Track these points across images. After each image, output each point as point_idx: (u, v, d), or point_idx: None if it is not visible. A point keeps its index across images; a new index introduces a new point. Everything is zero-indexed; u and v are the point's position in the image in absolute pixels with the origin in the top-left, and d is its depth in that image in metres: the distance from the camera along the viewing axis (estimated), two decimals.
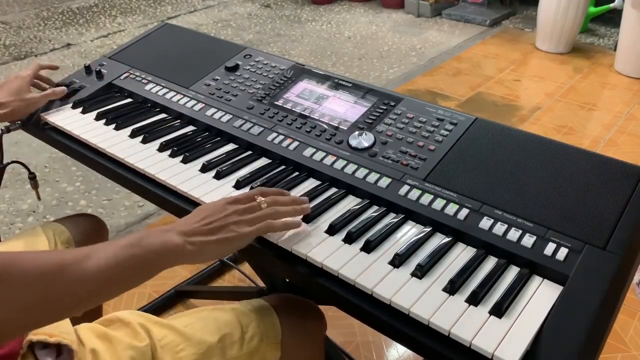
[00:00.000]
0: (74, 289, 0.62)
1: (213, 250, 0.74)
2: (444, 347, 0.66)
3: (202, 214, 0.76)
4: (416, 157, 0.94)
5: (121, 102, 1.26)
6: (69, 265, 0.62)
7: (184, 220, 0.76)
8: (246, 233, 0.76)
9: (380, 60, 3.59)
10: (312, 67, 1.22)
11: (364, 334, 1.56)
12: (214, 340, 0.82)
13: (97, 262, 0.64)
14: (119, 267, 0.65)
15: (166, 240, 0.70)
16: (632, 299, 1.67)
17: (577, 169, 0.86)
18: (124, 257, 0.66)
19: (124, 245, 0.67)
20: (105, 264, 0.64)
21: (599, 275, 0.71)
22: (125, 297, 1.71)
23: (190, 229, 0.73)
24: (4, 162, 1.20)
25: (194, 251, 0.72)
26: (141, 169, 1.01)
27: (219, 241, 0.74)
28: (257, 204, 0.79)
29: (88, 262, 0.63)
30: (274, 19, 4.43)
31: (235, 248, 0.77)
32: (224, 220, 0.75)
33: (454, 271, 0.75)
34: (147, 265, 0.69)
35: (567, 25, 3.45)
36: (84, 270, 0.63)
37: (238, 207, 0.77)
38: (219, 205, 0.77)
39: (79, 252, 0.65)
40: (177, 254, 0.71)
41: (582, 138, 2.62)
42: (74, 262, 0.63)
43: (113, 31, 4.22)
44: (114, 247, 0.67)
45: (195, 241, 0.72)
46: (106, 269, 0.64)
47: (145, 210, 2.16)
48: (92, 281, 0.63)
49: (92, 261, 0.64)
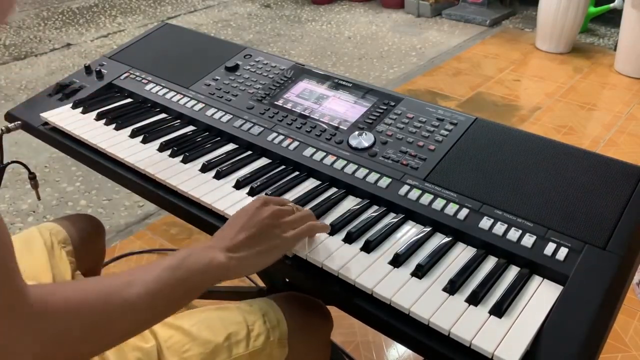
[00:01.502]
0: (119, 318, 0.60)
1: (259, 262, 0.72)
2: (444, 347, 0.66)
3: (239, 222, 0.73)
4: (416, 157, 0.94)
5: (121, 102, 1.26)
6: (112, 294, 0.60)
7: (222, 233, 0.73)
8: (291, 237, 0.74)
9: (380, 60, 3.59)
10: (312, 67, 1.22)
11: (364, 334, 1.56)
12: (220, 339, 0.82)
13: (139, 289, 0.61)
14: (161, 292, 0.63)
15: (210, 259, 0.68)
16: (632, 299, 1.67)
17: (577, 169, 0.86)
18: (166, 282, 0.64)
19: (166, 268, 0.65)
20: (147, 290, 0.62)
21: (599, 275, 0.71)
22: None
23: (232, 244, 0.70)
24: (4, 162, 1.20)
25: (239, 266, 0.70)
26: (141, 169, 1.01)
27: (264, 251, 0.72)
28: (292, 208, 0.77)
29: (130, 290, 0.61)
30: (274, 19, 4.43)
31: (280, 255, 0.75)
32: (264, 224, 0.73)
33: (454, 271, 0.75)
34: (190, 287, 0.67)
35: (567, 25, 3.45)
36: (126, 299, 0.60)
37: (273, 209, 0.75)
38: (253, 208, 0.75)
39: (120, 280, 0.62)
40: (222, 271, 0.69)
41: (582, 138, 2.62)
42: (116, 290, 0.60)
43: (113, 31, 4.22)
44: (155, 271, 0.64)
45: (240, 256, 0.70)
46: (149, 295, 0.62)
47: (145, 210, 2.16)
48: (135, 310, 0.61)
49: (134, 288, 0.61)
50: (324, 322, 0.94)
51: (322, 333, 0.95)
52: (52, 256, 1.02)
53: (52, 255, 1.02)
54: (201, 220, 0.91)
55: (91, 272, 1.17)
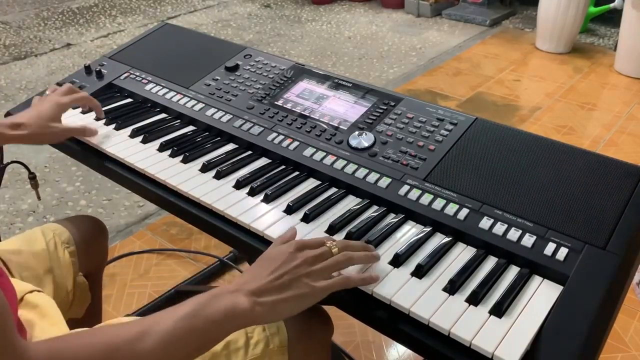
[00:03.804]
0: None
1: (285, 310, 0.67)
2: (444, 347, 0.66)
3: (270, 265, 0.68)
4: (416, 157, 0.94)
5: (121, 102, 1.26)
6: (120, 349, 0.56)
7: (250, 274, 0.68)
8: (321, 288, 0.68)
9: (380, 60, 3.59)
10: (312, 67, 1.22)
11: (364, 334, 1.56)
12: (219, 348, 0.80)
13: (152, 342, 0.57)
14: (177, 344, 0.59)
15: (232, 305, 0.63)
16: (632, 299, 1.67)
17: (577, 169, 0.86)
18: (182, 332, 0.59)
19: (183, 317, 0.60)
20: (161, 343, 0.58)
21: (599, 275, 0.71)
22: (125, 297, 1.71)
23: (258, 287, 0.65)
24: (4, 162, 1.20)
25: (264, 312, 0.65)
26: (141, 169, 1.01)
27: (291, 299, 0.67)
28: (327, 250, 0.72)
29: (143, 343, 0.57)
30: (274, 19, 4.43)
31: (308, 305, 0.69)
32: (295, 272, 0.67)
33: (454, 271, 0.75)
34: (209, 337, 0.62)
35: (567, 25, 3.45)
36: (137, 353, 0.57)
37: (308, 254, 0.70)
38: (286, 253, 0.70)
39: (132, 330, 0.58)
40: (245, 318, 0.64)
41: (582, 138, 2.62)
42: (125, 343, 0.57)
43: (113, 31, 4.22)
44: (171, 321, 0.59)
45: (266, 302, 0.65)
46: (162, 348, 0.58)
47: (145, 210, 2.16)
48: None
49: (147, 341, 0.57)
50: (324, 326, 0.93)
51: (323, 338, 0.93)
52: (55, 257, 1.02)
53: (55, 255, 1.02)
54: (201, 220, 0.91)
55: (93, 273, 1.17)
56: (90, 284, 1.11)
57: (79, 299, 1.07)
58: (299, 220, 0.86)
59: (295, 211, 0.88)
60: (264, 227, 0.85)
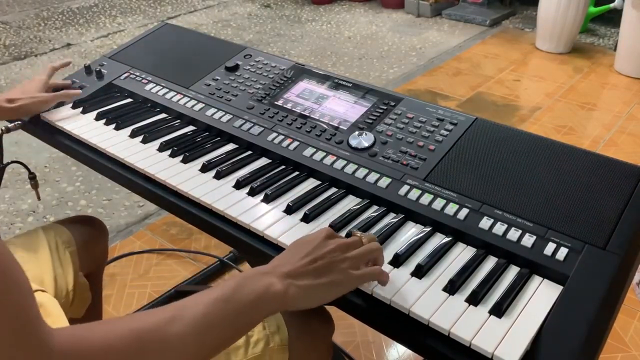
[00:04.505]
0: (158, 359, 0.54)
1: (319, 296, 0.65)
2: (444, 347, 0.66)
3: (303, 249, 0.67)
4: (416, 157, 0.94)
5: (121, 102, 1.26)
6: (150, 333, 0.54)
7: (283, 258, 0.67)
8: (356, 277, 0.68)
9: (380, 60, 3.59)
10: (312, 67, 1.22)
11: (364, 334, 1.56)
12: None
13: (183, 327, 0.55)
14: (209, 329, 0.57)
15: (266, 287, 0.61)
16: (632, 299, 1.67)
17: (577, 169, 0.86)
18: (215, 317, 0.57)
19: (216, 300, 0.58)
20: (192, 327, 0.55)
21: (599, 275, 0.71)
22: (125, 297, 1.71)
23: (294, 270, 0.64)
24: (4, 162, 1.20)
25: (298, 296, 0.63)
26: (141, 169, 1.01)
27: (326, 285, 0.65)
28: (358, 239, 0.71)
29: (172, 327, 0.55)
30: (274, 19, 4.43)
31: (342, 293, 0.67)
32: (330, 257, 0.66)
33: (454, 271, 0.75)
34: (242, 321, 0.60)
35: (567, 25, 3.45)
36: (167, 338, 0.54)
37: (340, 241, 0.69)
38: (319, 239, 0.68)
39: (162, 314, 0.56)
40: (279, 302, 0.62)
41: (582, 138, 2.62)
42: (155, 328, 0.54)
43: (113, 31, 4.22)
44: (203, 305, 0.57)
45: (301, 285, 0.63)
46: (194, 333, 0.55)
47: (145, 210, 2.16)
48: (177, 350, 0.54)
49: (177, 325, 0.55)
50: (325, 325, 0.92)
51: (323, 337, 0.93)
52: (56, 257, 1.02)
53: (56, 255, 1.02)
54: (201, 220, 0.91)
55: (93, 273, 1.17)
56: (91, 284, 1.11)
57: (80, 299, 1.07)
58: (299, 220, 0.86)
59: (295, 211, 0.88)
60: (264, 227, 0.85)
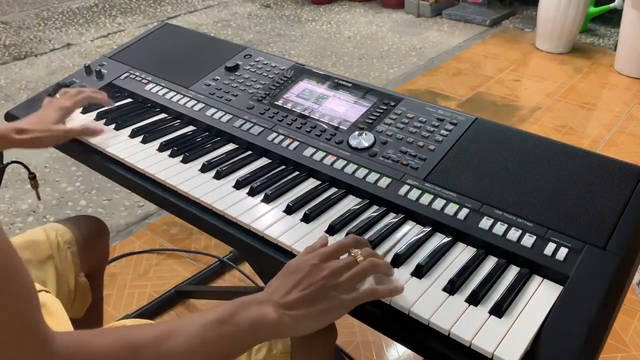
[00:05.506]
0: None
1: (312, 324, 0.66)
2: (444, 347, 0.66)
3: (295, 276, 0.67)
4: (416, 157, 0.94)
5: (121, 102, 1.26)
6: (145, 347, 0.55)
7: (276, 285, 0.67)
8: (350, 300, 0.67)
9: (380, 60, 3.59)
10: (312, 67, 1.22)
11: (364, 334, 1.56)
12: None
13: (178, 344, 0.56)
14: (204, 349, 0.58)
15: (261, 315, 0.62)
16: (632, 299, 1.67)
17: (577, 169, 0.86)
18: (210, 338, 0.58)
19: (212, 322, 0.59)
20: (187, 346, 0.56)
21: (599, 275, 0.71)
22: (125, 297, 1.71)
23: (287, 300, 0.64)
24: (4, 162, 1.20)
25: (290, 326, 0.64)
26: (141, 169, 1.01)
27: (320, 312, 0.65)
28: (352, 260, 0.70)
29: (168, 344, 0.56)
30: (274, 19, 4.43)
31: (336, 318, 0.68)
32: (323, 284, 0.66)
33: (454, 271, 0.75)
34: (237, 345, 0.61)
35: (567, 25, 3.45)
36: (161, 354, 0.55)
37: (333, 265, 0.68)
38: (311, 263, 0.68)
39: (158, 330, 0.57)
40: (273, 330, 0.63)
41: (582, 138, 2.62)
42: (150, 343, 0.55)
43: (113, 31, 4.22)
44: (199, 325, 0.58)
45: (295, 315, 0.64)
46: (188, 351, 0.56)
47: (145, 210, 2.16)
48: None
49: (172, 343, 0.56)
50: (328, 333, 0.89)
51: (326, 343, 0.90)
52: (57, 257, 1.02)
53: (57, 255, 1.02)
54: (201, 220, 0.91)
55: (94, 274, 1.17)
56: (91, 283, 1.11)
57: (80, 299, 1.07)
58: (299, 220, 0.86)
59: (295, 211, 0.88)
60: (264, 227, 0.85)
